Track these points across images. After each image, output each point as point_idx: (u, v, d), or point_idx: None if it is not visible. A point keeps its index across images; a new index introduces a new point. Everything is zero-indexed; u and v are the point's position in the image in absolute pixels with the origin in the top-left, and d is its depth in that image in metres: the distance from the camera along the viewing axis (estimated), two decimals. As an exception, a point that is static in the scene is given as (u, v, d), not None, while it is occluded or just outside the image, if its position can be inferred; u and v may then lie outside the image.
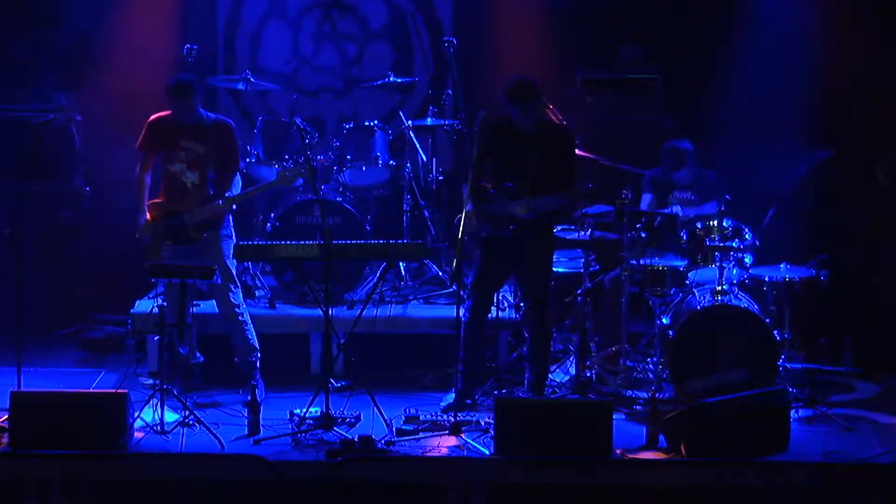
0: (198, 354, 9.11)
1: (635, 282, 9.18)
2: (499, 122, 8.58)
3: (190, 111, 8.80)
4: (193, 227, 8.79)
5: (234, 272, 8.94)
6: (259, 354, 8.95)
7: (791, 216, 10.14)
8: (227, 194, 8.84)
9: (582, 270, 9.35)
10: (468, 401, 8.63)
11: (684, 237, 9.23)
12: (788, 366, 8.89)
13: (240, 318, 8.93)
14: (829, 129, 10.56)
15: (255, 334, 8.97)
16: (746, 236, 9.12)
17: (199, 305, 9.23)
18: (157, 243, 8.82)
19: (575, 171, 8.61)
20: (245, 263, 9.74)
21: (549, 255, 8.83)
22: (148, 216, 8.85)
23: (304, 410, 8.30)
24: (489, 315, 8.82)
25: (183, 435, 8.03)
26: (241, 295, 9.01)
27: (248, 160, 10.15)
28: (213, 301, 9.03)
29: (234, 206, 8.92)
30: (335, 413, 8.24)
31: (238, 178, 8.99)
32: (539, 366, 8.76)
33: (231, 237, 8.95)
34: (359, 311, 8.77)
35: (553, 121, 8.76)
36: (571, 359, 9.35)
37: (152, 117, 8.98)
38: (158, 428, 8.09)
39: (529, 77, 8.58)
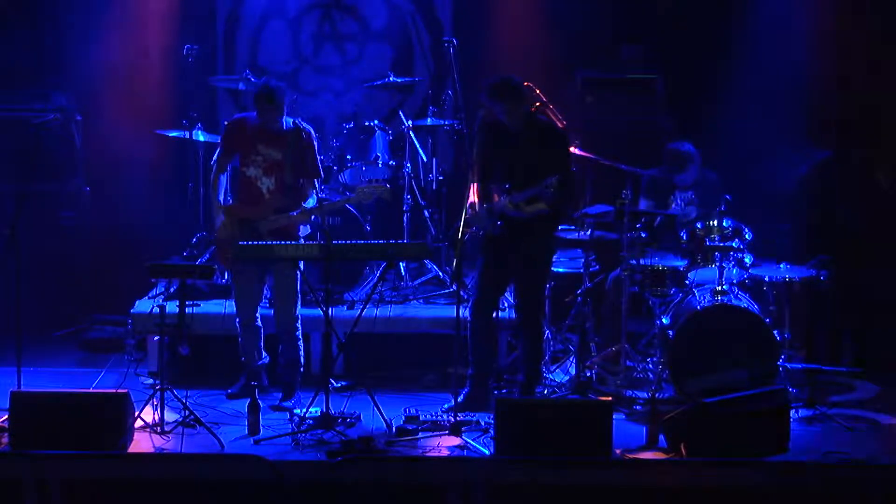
0: (265, 355, 9.04)
1: (635, 282, 9.17)
2: (494, 121, 8.58)
3: (276, 119, 8.71)
4: (268, 234, 8.68)
5: (300, 286, 8.84)
6: (302, 369, 8.94)
7: (791, 216, 10.15)
8: (304, 203, 8.73)
9: (582, 270, 9.35)
10: (478, 403, 8.58)
11: (684, 237, 9.23)
12: (788, 366, 8.89)
13: (296, 332, 8.88)
14: (828, 129, 10.57)
15: (303, 350, 8.94)
16: (746, 236, 9.12)
17: (200, 305, 9.25)
18: (232, 245, 8.72)
19: (567, 168, 8.54)
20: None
21: (544, 258, 8.75)
22: (225, 218, 8.79)
23: (304, 410, 8.31)
24: (494, 315, 8.78)
25: (183, 435, 8.03)
26: (300, 309, 8.92)
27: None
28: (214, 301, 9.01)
29: (313, 217, 8.82)
30: (335, 413, 8.25)
31: (316, 185, 8.79)
32: (529, 369, 8.76)
33: None
34: (359, 311, 8.77)
35: (543, 119, 8.68)
36: (571, 359, 9.35)
37: (230, 119, 9.01)
38: (158, 428, 8.09)
39: (513, 77, 8.54)
